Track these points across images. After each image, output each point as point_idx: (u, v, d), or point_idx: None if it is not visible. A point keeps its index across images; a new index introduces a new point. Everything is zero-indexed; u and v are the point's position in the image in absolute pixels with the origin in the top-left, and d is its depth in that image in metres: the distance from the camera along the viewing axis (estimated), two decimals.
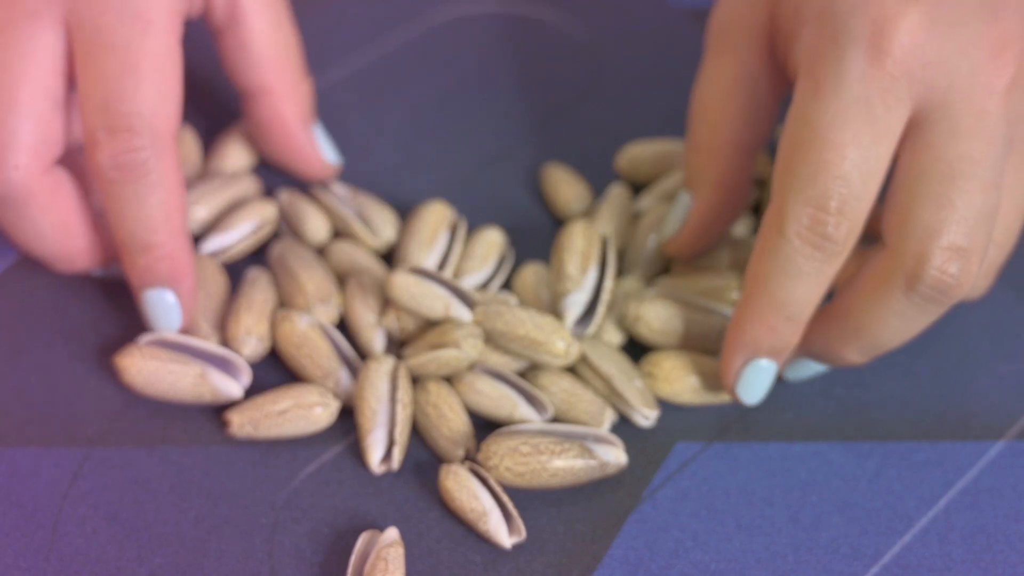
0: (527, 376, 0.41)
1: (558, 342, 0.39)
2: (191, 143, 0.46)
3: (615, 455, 0.39)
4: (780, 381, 0.42)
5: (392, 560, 0.36)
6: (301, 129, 0.45)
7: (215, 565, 0.37)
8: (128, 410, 0.41)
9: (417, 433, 0.40)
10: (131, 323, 0.42)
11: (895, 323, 0.37)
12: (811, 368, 0.41)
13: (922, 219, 0.36)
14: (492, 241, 0.44)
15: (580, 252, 0.41)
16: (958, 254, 0.36)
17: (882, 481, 0.40)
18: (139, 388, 0.40)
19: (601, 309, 0.41)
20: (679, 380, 0.40)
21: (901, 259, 0.36)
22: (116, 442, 0.40)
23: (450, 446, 0.39)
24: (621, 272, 0.44)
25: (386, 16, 0.52)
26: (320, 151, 0.45)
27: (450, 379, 0.41)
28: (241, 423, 0.39)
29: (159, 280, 0.40)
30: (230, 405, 0.40)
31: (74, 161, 0.42)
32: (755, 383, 0.39)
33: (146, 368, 0.40)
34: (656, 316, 0.41)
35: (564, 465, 0.38)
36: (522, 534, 0.38)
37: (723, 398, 0.41)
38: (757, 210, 0.45)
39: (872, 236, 0.40)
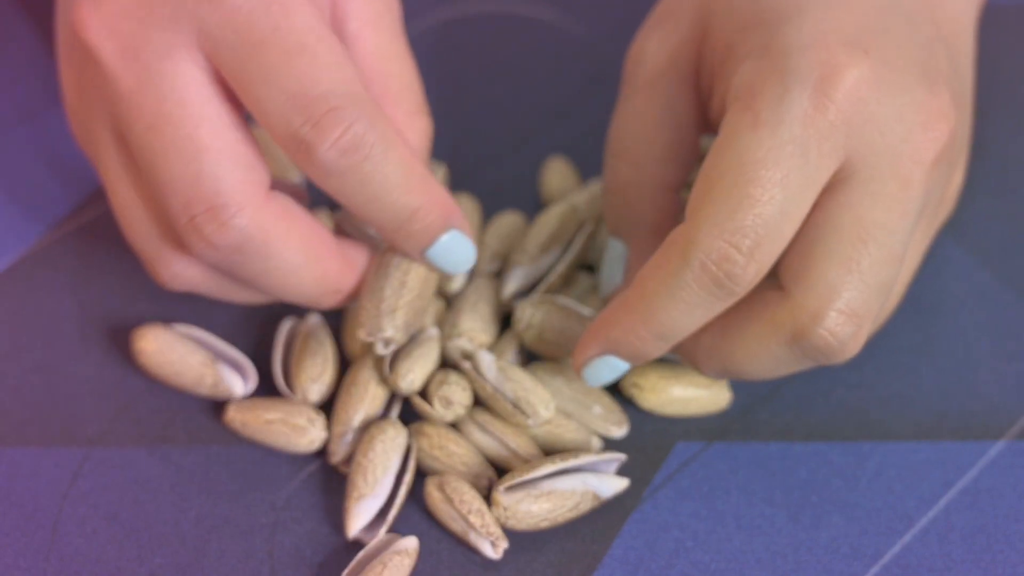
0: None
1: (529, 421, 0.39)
2: None
3: (618, 485, 0.38)
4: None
5: (393, 567, 0.36)
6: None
7: (215, 565, 0.37)
8: (128, 410, 0.41)
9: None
10: (131, 323, 0.42)
11: (767, 363, 0.36)
12: (616, 369, 0.38)
13: (826, 277, 0.34)
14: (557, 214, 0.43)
15: (549, 232, 0.42)
16: (852, 320, 0.35)
17: (882, 481, 0.40)
18: (148, 358, 0.40)
19: (541, 287, 0.41)
20: (665, 391, 0.40)
21: (795, 311, 0.35)
22: (116, 442, 0.40)
23: (472, 480, 0.39)
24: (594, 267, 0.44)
25: None
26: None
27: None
28: (234, 416, 0.40)
29: (439, 229, 0.37)
30: (228, 403, 0.40)
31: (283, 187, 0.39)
32: (602, 374, 0.38)
33: (162, 341, 0.40)
34: (549, 324, 0.40)
35: (574, 515, 0.38)
36: (505, 542, 0.38)
37: (710, 407, 0.41)
38: None
39: None
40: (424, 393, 0.40)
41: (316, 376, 0.40)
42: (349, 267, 0.39)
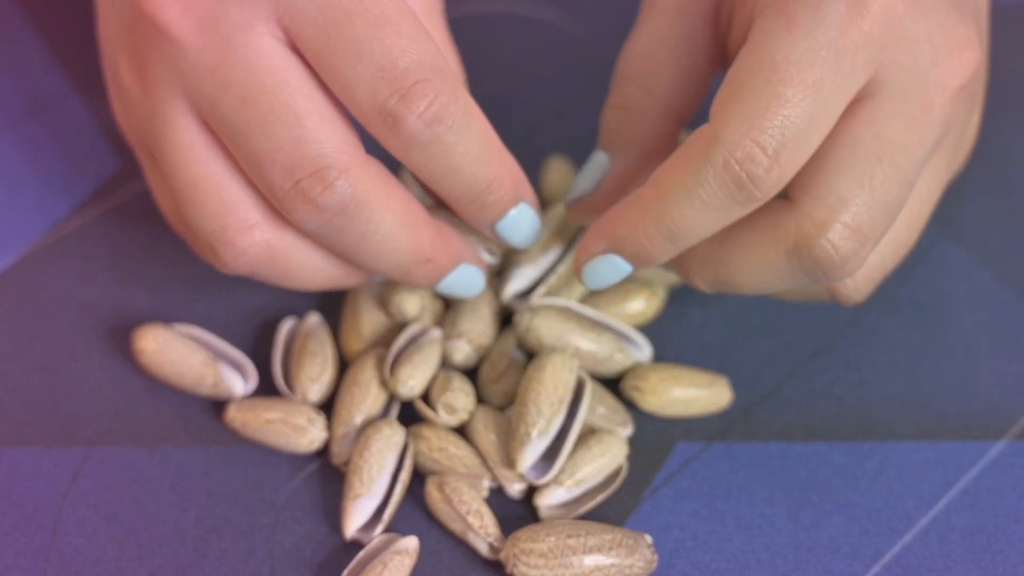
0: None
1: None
2: None
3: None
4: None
5: (393, 567, 0.36)
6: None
7: (215, 565, 0.37)
8: (128, 410, 0.41)
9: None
10: (131, 323, 0.43)
11: (762, 274, 0.36)
12: (619, 270, 0.37)
13: (837, 189, 0.34)
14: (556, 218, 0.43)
15: (550, 232, 0.42)
16: (856, 235, 0.34)
17: (882, 481, 0.40)
18: (148, 358, 0.40)
19: (541, 288, 0.41)
20: (666, 393, 0.40)
21: (800, 220, 0.34)
22: (116, 442, 0.40)
23: (474, 483, 0.39)
24: None
25: None
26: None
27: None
28: (234, 416, 0.40)
29: (511, 201, 0.37)
30: (228, 403, 0.40)
31: None
32: (603, 274, 0.37)
33: (162, 340, 0.40)
34: (548, 331, 0.40)
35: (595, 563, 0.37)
36: (503, 543, 0.37)
37: (711, 407, 0.41)
38: None
39: None
40: (426, 397, 0.40)
41: (316, 376, 0.40)
42: (442, 238, 0.38)
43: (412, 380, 0.39)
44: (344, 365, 0.42)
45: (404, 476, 0.38)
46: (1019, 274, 0.45)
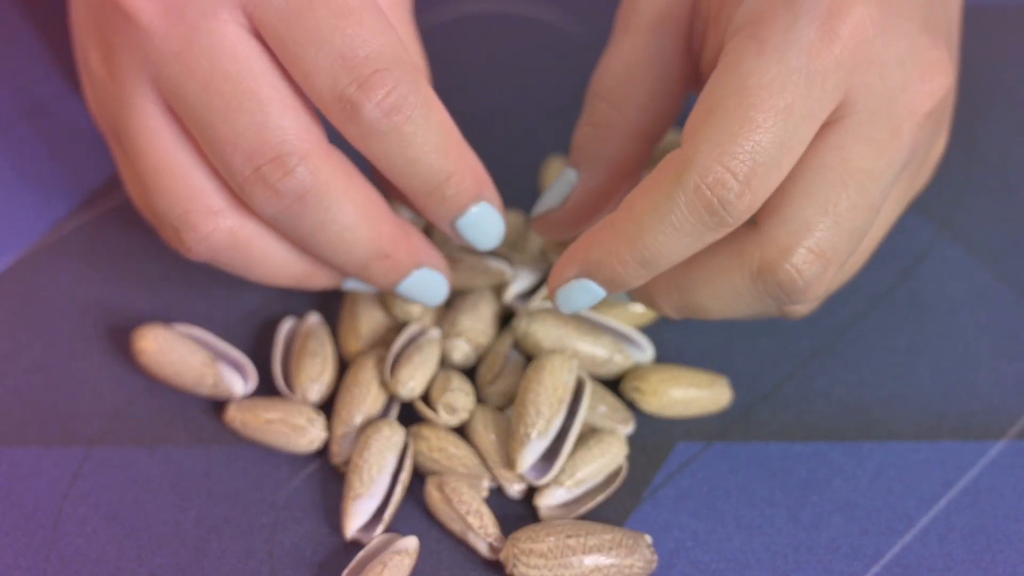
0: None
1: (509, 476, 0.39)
2: None
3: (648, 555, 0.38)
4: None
5: (393, 567, 0.36)
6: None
7: (215, 565, 0.37)
8: (128, 410, 0.41)
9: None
10: (131, 323, 0.43)
11: (727, 299, 0.36)
12: (592, 295, 0.36)
13: (802, 214, 0.34)
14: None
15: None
16: (820, 260, 0.34)
17: (882, 481, 0.40)
18: (148, 358, 0.40)
19: (543, 291, 0.41)
20: (666, 394, 0.40)
21: (764, 244, 0.34)
22: (116, 442, 0.40)
23: (474, 483, 0.39)
24: None
25: None
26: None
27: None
28: (234, 416, 0.40)
29: (471, 199, 0.37)
30: (228, 403, 0.40)
31: None
32: (576, 299, 0.36)
33: (162, 340, 0.40)
34: (545, 335, 0.40)
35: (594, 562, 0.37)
36: (502, 543, 0.37)
37: (711, 408, 0.41)
38: None
39: None
40: (426, 397, 0.40)
41: (316, 376, 0.40)
42: (404, 235, 0.38)
43: (412, 381, 0.39)
44: (344, 365, 0.42)
45: (404, 476, 0.38)
46: (1019, 274, 0.45)
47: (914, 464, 0.40)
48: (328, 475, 0.40)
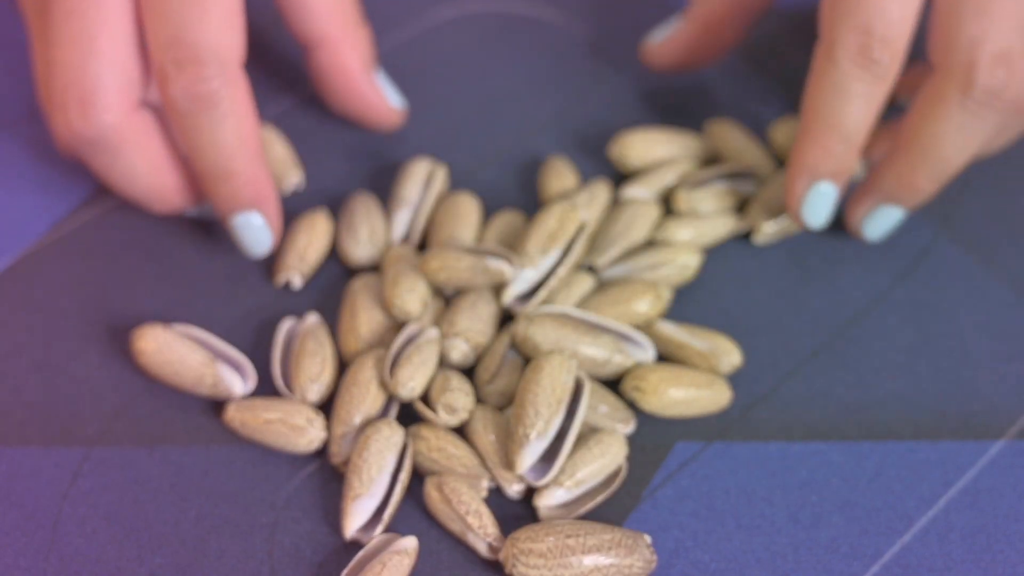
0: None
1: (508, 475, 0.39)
2: (281, 148, 0.47)
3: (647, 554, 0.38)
4: (860, 244, 0.45)
5: (392, 567, 0.36)
6: (363, 74, 0.46)
7: (215, 565, 0.37)
8: (128, 410, 0.41)
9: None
10: (131, 323, 0.43)
11: (957, 138, 0.41)
12: (889, 216, 0.43)
13: (965, 33, 0.40)
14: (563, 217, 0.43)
15: (548, 233, 0.42)
16: (1003, 59, 0.40)
17: (882, 481, 0.40)
18: (147, 358, 0.40)
19: (542, 293, 0.41)
20: (666, 393, 0.40)
21: (951, 73, 0.40)
22: (116, 442, 0.40)
23: (473, 483, 0.39)
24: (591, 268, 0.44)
25: (386, 16, 0.52)
26: (385, 96, 0.46)
27: None
28: (233, 416, 0.40)
29: (243, 204, 0.42)
30: (227, 402, 0.40)
31: (157, 109, 0.43)
32: (817, 206, 0.42)
33: (162, 341, 0.40)
34: (543, 339, 0.40)
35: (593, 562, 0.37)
36: (502, 543, 0.37)
37: (711, 407, 0.41)
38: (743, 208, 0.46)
39: (897, 102, 0.45)
40: (425, 397, 0.40)
41: (315, 376, 0.40)
42: (263, 171, 0.42)
43: (412, 382, 0.39)
44: (343, 365, 0.42)
45: (404, 476, 0.38)
46: (1019, 274, 0.45)
47: (914, 464, 0.40)
48: (328, 475, 0.40)
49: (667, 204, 0.46)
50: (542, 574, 0.36)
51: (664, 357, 0.42)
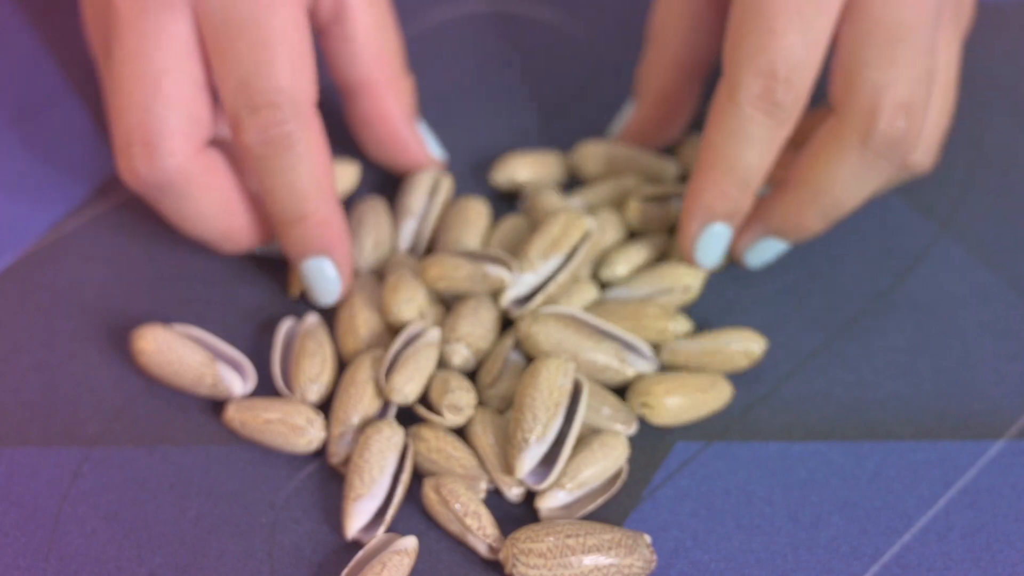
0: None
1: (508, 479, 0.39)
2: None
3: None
4: (749, 278, 0.44)
5: (392, 567, 0.36)
6: (405, 123, 0.45)
7: (215, 565, 0.37)
8: (128, 410, 0.41)
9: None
10: (131, 323, 0.43)
11: (851, 182, 0.40)
12: (772, 248, 0.43)
13: (869, 80, 0.39)
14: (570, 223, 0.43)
15: (552, 239, 0.42)
16: (905, 109, 0.39)
17: (882, 481, 0.40)
18: (147, 358, 0.40)
19: (539, 297, 0.41)
20: (674, 403, 0.40)
21: (853, 118, 0.39)
22: (116, 442, 0.40)
23: (472, 484, 0.39)
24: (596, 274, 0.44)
25: None
26: (426, 146, 0.46)
27: None
28: (233, 416, 0.40)
29: (315, 249, 0.41)
30: (227, 402, 0.40)
31: (226, 146, 0.43)
32: (711, 247, 0.42)
33: (161, 341, 0.40)
34: (546, 338, 0.40)
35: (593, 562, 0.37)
36: (501, 544, 0.37)
37: (716, 406, 0.41)
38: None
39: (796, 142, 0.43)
40: (425, 399, 0.40)
41: (315, 376, 0.40)
42: (337, 215, 0.41)
43: (407, 388, 0.39)
44: (343, 365, 0.42)
45: (405, 477, 0.38)
46: (1019, 274, 0.45)
47: (913, 464, 0.40)
48: (328, 475, 0.40)
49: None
50: (542, 574, 0.36)
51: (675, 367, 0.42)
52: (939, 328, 0.43)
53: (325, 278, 0.42)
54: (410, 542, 0.37)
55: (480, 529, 0.37)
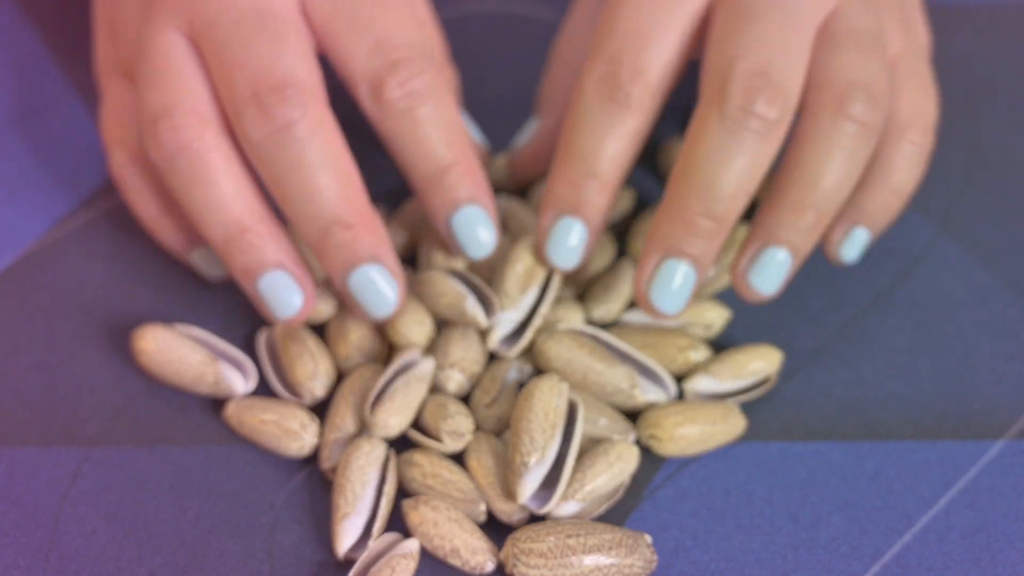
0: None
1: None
2: None
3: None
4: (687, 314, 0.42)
5: (401, 570, 0.36)
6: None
7: (215, 565, 0.37)
8: (128, 410, 0.41)
9: None
10: (131, 323, 0.43)
11: (729, 161, 0.37)
12: (675, 269, 0.38)
13: (724, 53, 0.38)
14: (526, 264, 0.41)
15: (524, 269, 0.41)
16: (759, 76, 0.37)
17: (882, 481, 0.40)
18: (148, 358, 0.40)
19: (529, 333, 0.40)
20: (684, 436, 0.39)
21: (708, 93, 0.38)
22: (116, 442, 0.40)
23: (470, 507, 0.38)
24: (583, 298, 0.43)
25: None
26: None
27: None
28: (232, 413, 0.40)
29: (468, 193, 0.40)
30: (227, 401, 0.40)
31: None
32: (562, 241, 0.40)
33: (162, 340, 0.40)
34: (556, 355, 0.40)
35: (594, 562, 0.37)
36: (493, 565, 0.37)
37: (727, 439, 0.40)
38: None
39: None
40: (419, 423, 0.40)
41: (312, 373, 0.40)
42: (371, 216, 0.39)
43: (391, 421, 0.39)
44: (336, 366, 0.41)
45: (388, 488, 0.38)
46: (1019, 274, 0.45)
47: (913, 464, 0.40)
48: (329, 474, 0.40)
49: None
50: (542, 574, 0.36)
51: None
52: (939, 328, 0.43)
53: (482, 223, 0.40)
54: (413, 545, 0.37)
55: (464, 564, 0.37)
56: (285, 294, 0.39)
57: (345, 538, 0.37)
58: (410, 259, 0.44)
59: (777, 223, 0.39)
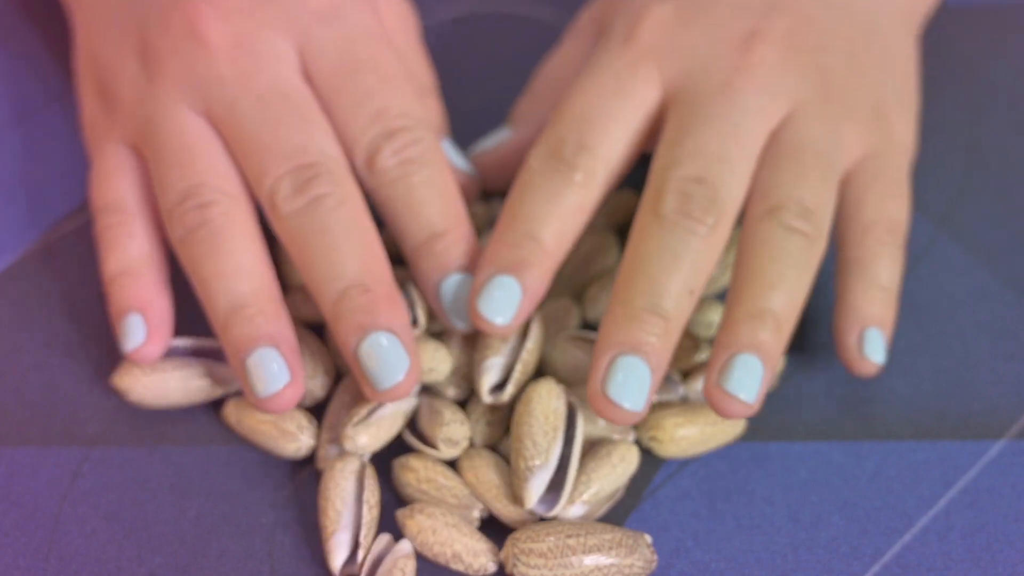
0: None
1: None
2: None
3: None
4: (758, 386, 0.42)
5: (408, 572, 0.36)
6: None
7: (215, 565, 0.37)
8: (128, 410, 0.41)
9: None
10: None
11: (673, 259, 0.37)
12: (630, 364, 0.37)
13: (664, 159, 0.39)
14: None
15: None
16: (694, 182, 0.38)
17: (882, 481, 0.40)
18: (150, 403, 0.40)
19: (516, 376, 0.39)
20: (684, 437, 0.39)
21: (647, 197, 0.39)
22: (116, 442, 0.40)
23: (465, 513, 0.38)
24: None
25: None
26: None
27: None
28: (231, 412, 0.40)
29: (458, 262, 0.39)
30: (228, 398, 0.40)
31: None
32: (496, 302, 0.38)
33: (152, 383, 0.40)
34: (562, 360, 0.40)
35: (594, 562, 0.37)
36: (494, 567, 0.37)
37: (727, 439, 0.40)
38: None
39: None
40: (415, 427, 0.40)
41: (311, 372, 0.40)
42: (388, 284, 0.39)
43: (361, 440, 0.38)
44: (336, 367, 0.41)
45: (368, 495, 0.38)
46: (1019, 274, 0.45)
47: (913, 464, 0.40)
48: None
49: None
50: (543, 574, 0.36)
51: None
52: (938, 328, 0.43)
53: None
54: (406, 545, 0.37)
55: (468, 568, 0.37)
56: (272, 371, 0.38)
57: (337, 554, 0.37)
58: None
59: (737, 334, 0.37)
